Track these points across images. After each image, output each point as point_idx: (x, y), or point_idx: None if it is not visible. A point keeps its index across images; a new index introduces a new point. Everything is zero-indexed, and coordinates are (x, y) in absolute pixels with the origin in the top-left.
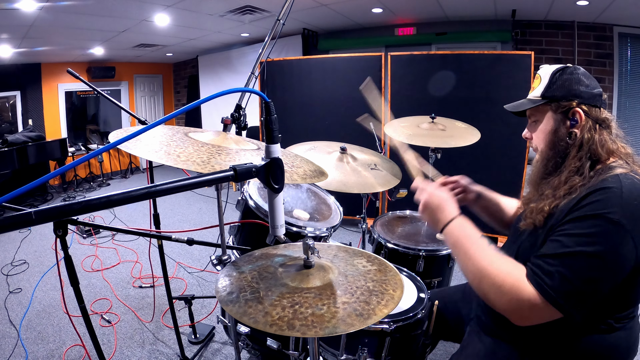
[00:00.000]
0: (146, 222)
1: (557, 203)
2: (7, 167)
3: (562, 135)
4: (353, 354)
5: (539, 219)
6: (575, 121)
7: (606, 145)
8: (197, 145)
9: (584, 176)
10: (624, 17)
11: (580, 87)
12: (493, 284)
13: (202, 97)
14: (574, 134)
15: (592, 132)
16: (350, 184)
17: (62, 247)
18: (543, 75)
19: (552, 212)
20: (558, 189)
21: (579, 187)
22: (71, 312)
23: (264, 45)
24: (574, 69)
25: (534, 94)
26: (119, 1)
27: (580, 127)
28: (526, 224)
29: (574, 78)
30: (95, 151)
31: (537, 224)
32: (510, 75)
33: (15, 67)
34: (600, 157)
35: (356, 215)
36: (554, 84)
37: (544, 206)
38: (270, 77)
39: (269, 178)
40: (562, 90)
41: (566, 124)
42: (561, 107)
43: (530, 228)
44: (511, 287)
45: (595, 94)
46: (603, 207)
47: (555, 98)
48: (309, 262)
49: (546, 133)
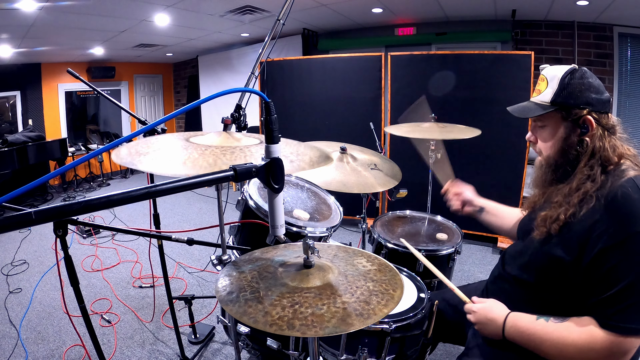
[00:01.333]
0: (146, 222)
1: (573, 211)
2: (7, 167)
3: (572, 143)
4: (353, 354)
5: (555, 227)
6: (587, 129)
7: (617, 150)
8: (200, 149)
9: (595, 182)
10: (624, 17)
11: (592, 94)
12: (575, 354)
13: (202, 97)
14: (586, 143)
15: (603, 139)
16: (350, 184)
17: (62, 247)
18: (550, 77)
19: (567, 220)
20: (570, 196)
21: (592, 193)
22: (71, 312)
23: (264, 45)
24: (583, 73)
25: (541, 99)
26: (119, 1)
27: (591, 136)
28: (540, 233)
29: (585, 84)
30: (95, 151)
31: (553, 232)
32: (510, 76)
33: (15, 67)
34: (610, 161)
35: (356, 215)
36: (564, 89)
37: (559, 215)
38: (270, 77)
39: (269, 178)
40: (574, 97)
41: (577, 132)
42: (572, 115)
43: (544, 236)
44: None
45: (604, 100)
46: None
47: (567, 105)
48: (309, 262)
49: (556, 140)
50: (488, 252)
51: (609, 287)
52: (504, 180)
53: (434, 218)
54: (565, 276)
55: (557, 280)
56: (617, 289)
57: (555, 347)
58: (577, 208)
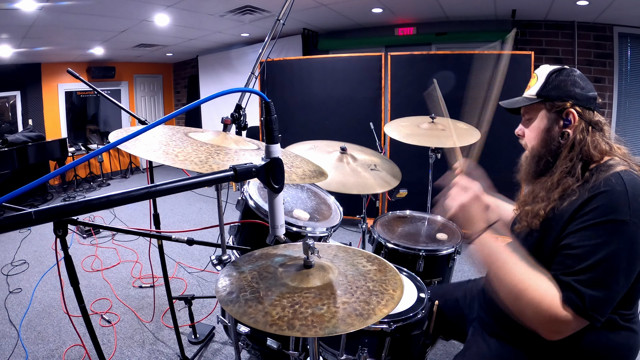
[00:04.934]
0: (146, 222)
1: (553, 206)
2: (7, 167)
3: (554, 135)
4: (353, 354)
5: (535, 222)
6: (569, 121)
7: (599, 146)
8: (196, 145)
9: (576, 177)
10: (624, 17)
11: (576, 88)
12: (530, 304)
13: (202, 97)
14: (567, 134)
15: (584, 133)
16: (350, 184)
17: (62, 247)
18: (540, 74)
19: (548, 216)
20: (551, 191)
21: (576, 189)
22: (71, 312)
23: (264, 45)
24: (570, 71)
25: (529, 93)
26: (119, 1)
27: (573, 128)
28: (521, 227)
29: (570, 79)
30: (95, 151)
31: (533, 227)
32: (510, 76)
33: (15, 67)
34: (592, 157)
35: (356, 215)
36: (549, 83)
37: (539, 210)
38: (270, 77)
39: (269, 178)
40: (558, 90)
41: (559, 123)
42: (555, 106)
43: (526, 231)
44: (548, 308)
45: (590, 97)
46: (610, 211)
47: (550, 97)
48: (309, 262)
49: (539, 131)
50: None
51: (575, 263)
52: (504, 180)
53: (434, 218)
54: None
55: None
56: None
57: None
58: (558, 202)
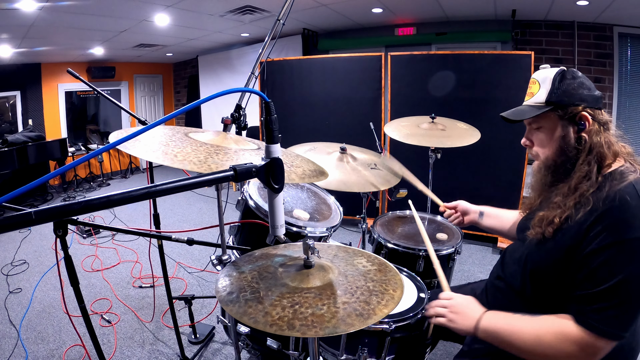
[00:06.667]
0: (146, 222)
1: (568, 214)
2: (7, 167)
3: (570, 141)
4: (353, 354)
5: (549, 230)
6: (584, 125)
7: (612, 147)
8: (195, 145)
9: (591, 182)
10: (624, 17)
11: (584, 90)
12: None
13: (202, 97)
14: (584, 139)
15: (599, 135)
16: (351, 182)
17: (62, 247)
18: (541, 79)
19: (562, 225)
20: (567, 197)
21: (589, 196)
22: (71, 312)
23: (264, 45)
24: (573, 73)
25: (535, 100)
26: (119, 1)
27: (588, 131)
28: (534, 234)
29: (577, 82)
30: (95, 151)
31: (547, 235)
32: (510, 76)
33: (15, 67)
34: (606, 158)
35: (356, 215)
36: (558, 89)
37: (554, 217)
38: (270, 77)
39: (269, 178)
40: (568, 95)
41: (574, 129)
42: (569, 112)
43: (538, 238)
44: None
45: (597, 97)
46: (626, 230)
47: (562, 103)
48: (309, 262)
49: (554, 140)
50: (488, 252)
51: (594, 284)
52: (504, 180)
53: (434, 218)
54: (558, 276)
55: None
56: (602, 288)
57: (528, 341)
58: (573, 211)
